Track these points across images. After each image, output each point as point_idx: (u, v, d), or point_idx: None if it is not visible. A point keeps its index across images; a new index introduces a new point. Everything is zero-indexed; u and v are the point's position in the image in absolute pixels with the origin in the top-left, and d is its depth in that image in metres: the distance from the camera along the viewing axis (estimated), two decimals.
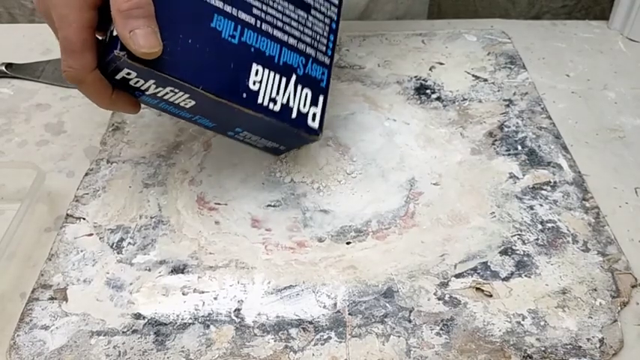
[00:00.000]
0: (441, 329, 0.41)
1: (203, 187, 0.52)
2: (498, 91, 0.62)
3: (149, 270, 0.46)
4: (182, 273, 0.45)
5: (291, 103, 0.46)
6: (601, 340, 0.40)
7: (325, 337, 0.41)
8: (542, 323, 0.41)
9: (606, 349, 0.40)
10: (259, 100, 0.45)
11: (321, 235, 0.48)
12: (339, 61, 0.66)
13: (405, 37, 0.69)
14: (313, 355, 0.40)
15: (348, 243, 0.47)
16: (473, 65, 0.65)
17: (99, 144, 0.57)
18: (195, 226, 0.49)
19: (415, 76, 0.64)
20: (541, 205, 0.50)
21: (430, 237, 0.48)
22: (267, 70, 0.45)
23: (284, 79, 0.46)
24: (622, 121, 0.59)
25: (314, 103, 0.48)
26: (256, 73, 0.45)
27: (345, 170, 0.53)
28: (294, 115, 0.47)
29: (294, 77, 0.47)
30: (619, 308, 0.42)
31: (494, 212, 0.49)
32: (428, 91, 0.62)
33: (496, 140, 0.56)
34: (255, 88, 0.45)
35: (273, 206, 0.51)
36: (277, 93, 0.46)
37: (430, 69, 0.65)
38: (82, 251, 0.47)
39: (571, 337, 0.41)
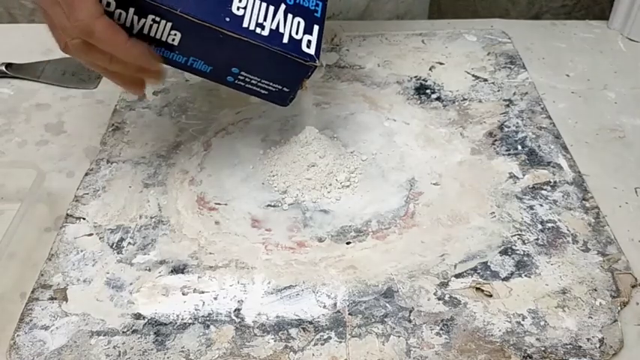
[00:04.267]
0: (441, 329, 0.41)
1: (203, 187, 0.52)
2: (498, 91, 0.62)
3: (149, 270, 0.46)
4: (182, 273, 0.45)
5: (281, 29, 0.46)
6: (601, 340, 0.40)
7: (325, 337, 0.41)
8: (542, 323, 0.41)
9: (606, 349, 0.40)
10: (244, 24, 0.44)
11: (321, 235, 0.48)
12: (339, 61, 0.66)
13: (405, 37, 0.69)
14: (313, 355, 0.40)
15: (348, 243, 0.47)
16: (473, 65, 0.65)
17: (99, 144, 0.57)
18: (195, 226, 0.49)
19: (415, 76, 0.64)
20: (541, 205, 0.50)
21: (430, 237, 0.48)
22: None
23: (272, 7, 0.46)
24: (622, 121, 0.59)
25: (308, 31, 0.47)
26: (240, 0, 0.45)
27: (345, 170, 0.53)
28: (285, 40, 0.46)
29: (283, 6, 0.47)
30: (619, 308, 0.42)
31: (494, 212, 0.49)
32: (428, 91, 0.62)
33: (496, 140, 0.56)
34: (239, 13, 0.44)
35: (273, 206, 0.51)
36: (265, 19, 0.45)
37: (430, 69, 0.65)
38: (82, 251, 0.47)
39: (571, 337, 0.41)
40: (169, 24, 0.43)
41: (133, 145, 0.56)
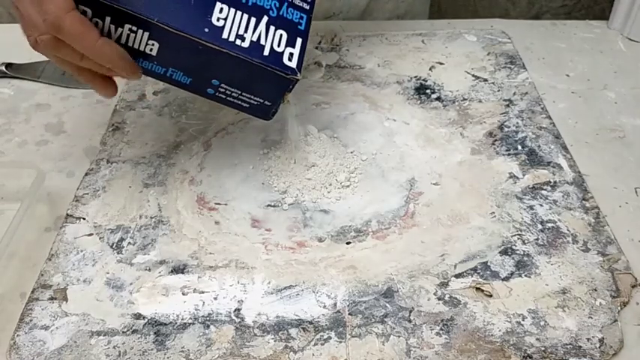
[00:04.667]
0: (441, 329, 0.41)
1: (203, 187, 0.52)
2: (498, 91, 0.62)
3: (149, 270, 0.46)
4: (182, 273, 0.45)
5: (262, 42, 0.45)
6: (601, 340, 0.40)
7: (325, 337, 0.41)
8: (542, 323, 0.41)
9: (606, 349, 0.40)
10: (224, 35, 0.44)
11: (321, 235, 0.48)
12: (339, 61, 0.66)
13: (405, 37, 0.69)
14: (313, 355, 0.40)
15: (348, 243, 0.47)
16: (473, 65, 0.65)
17: (99, 144, 0.57)
18: (195, 226, 0.49)
19: (415, 76, 0.64)
20: (541, 205, 0.50)
21: (430, 237, 0.48)
22: (232, 9, 0.45)
23: (253, 19, 0.45)
24: (622, 121, 0.59)
25: (290, 44, 0.46)
26: (220, 11, 0.44)
27: (345, 170, 0.53)
28: (266, 52, 0.45)
29: (265, 18, 0.46)
30: (619, 308, 0.42)
31: (494, 212, 0.49)
32: (428, 91, 0.62)
33: (496, 140, 0.56)
34: (219, 24, 0.44)
35: (273, 206, 0.51)
36: (245, 31, 0.45)
37: (430, 69, 0.65)
38: (82, 251, 0.47)
39: (571, 337, 0.41)
40: (146, 34, 0.43)
41: (133, 145, 0.56)
